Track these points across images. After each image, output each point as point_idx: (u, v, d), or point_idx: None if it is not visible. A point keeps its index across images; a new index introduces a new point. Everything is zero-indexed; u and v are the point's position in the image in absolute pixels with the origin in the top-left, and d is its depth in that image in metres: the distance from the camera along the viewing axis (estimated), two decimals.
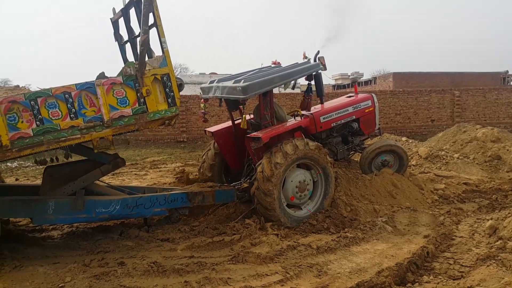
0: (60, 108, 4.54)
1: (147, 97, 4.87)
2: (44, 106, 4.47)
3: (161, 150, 16.33)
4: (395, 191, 6.86)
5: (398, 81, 31.77)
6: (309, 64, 6.50)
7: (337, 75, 49.64)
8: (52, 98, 4.49)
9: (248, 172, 6.68)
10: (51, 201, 4.98)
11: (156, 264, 4.44)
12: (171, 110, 5.04)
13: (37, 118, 4.45)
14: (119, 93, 4.77)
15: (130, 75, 4.78)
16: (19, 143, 4.38)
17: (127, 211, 5.34)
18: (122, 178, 10.37)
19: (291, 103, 18.40)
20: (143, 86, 4.83)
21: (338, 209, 6.09)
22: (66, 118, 4.58)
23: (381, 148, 7.33)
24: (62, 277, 4.20)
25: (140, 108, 4.88)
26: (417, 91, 21.44)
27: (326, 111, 7.11)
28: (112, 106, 4.75)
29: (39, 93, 4.46)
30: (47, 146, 4.52)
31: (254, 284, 4.07)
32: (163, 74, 4.93)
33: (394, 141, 8.09)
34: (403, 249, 4.85)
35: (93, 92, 4.65)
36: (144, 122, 4.93)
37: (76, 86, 4.59)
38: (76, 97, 4.59)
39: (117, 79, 4.77)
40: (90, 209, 5.14)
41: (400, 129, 20.04)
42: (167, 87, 4.98)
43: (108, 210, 5.23)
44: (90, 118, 4.68)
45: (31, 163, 12.91)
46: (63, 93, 4.53)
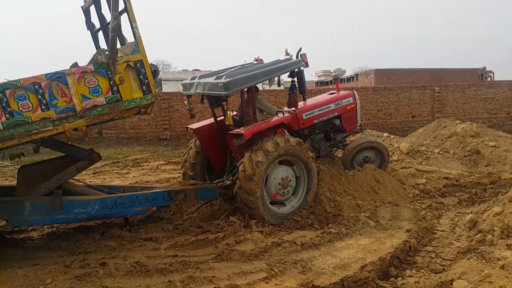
0: (30, 99, 4.39)
1: (121, 85, 4.72)
2: (13, 98, 4.31)
3: (143, 148, 16.15)
4: (378, 186, 6.94)
5: (379, 78, 32.17)
6: (291, 61, 6.50)
7: (320, 72, 49.89)
8: (21, 89, 4.33)
9: (230, 169, 6.66)
10: (28, 202, 4.82)
11: (139, 264, 4.38)
12: (147, 97, 4.89)
13: (6, 111, 4.29)
14: (91, 82, 4.62)
15: (101, 62, 4.63)
16: None
17: (106, 211, 5.21)
18: (104, 177, 10.22)
19: (274, 99, 18.42)
20: (116, 74, 4.67)
21: (322, 205, 6.12)
22: (37, 109, 4.43)
23: (362, 145, 7.39)
24: (42, 279, 4.11)
25: (114, 96, 4.73)
26: (398, 87, 21.72)
27: (308, 108, 7.13)
28: (84, 96, 4.60)
29: (6, 85, 4.30)
30: (19, 139, 4.37)
31: (238, 282, 4.05)
32: (136, 60, 4.78)
33: (375, 138, 8.18)
34: (386, 244, 4.90)
35: (64, 82, 4.49)
36: (118, 111, 4.79)
37: (46, 76, 4.44)
38: (46, 87, 4.44)
39: (88, 67, 4.62)
40: (68, 209, 4.99)
41: (382, 125, 20.28)
42: (141, 74, 4.82)
43: (87, 210, 5.09)
44: (62, 109, 4.53)
45: (9, 163, 12.59)
46: (32, 84, 4.37)
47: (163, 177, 9.77)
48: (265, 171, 5.69)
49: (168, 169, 11.28)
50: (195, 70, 34.02)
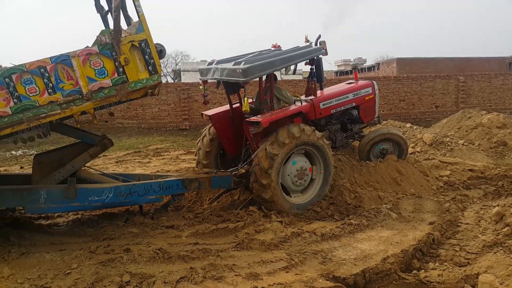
0: (37, 83, 4.38)
1: (126, 66, 4.63)
2: (20, 83, 4.32)
3: (163, 138, 16.31)
4: (400, 177, 6.84)
5: (401, 67, 31.57)
6: (311, 48, 6.39)
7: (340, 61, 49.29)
8: (27, 73, 4.33)
9: (245, 157, 6.60)
10: (43, 190, 4.90)
11: (161, 250, 4.45)
12: (153, 78, 4.80)
13: (14, 96, 4.30)
14: (96, 64, 4.56)
15: (105, 43, 4.55)
16: None
17: (120, 199, 5.24)
18: (126, 165, 10.38)
19: (293, 89, 18.30)
20: (121, 55, 4.59)
21: (342, 196, 6.08)
22: (44, 93, 4.42)
23: (375, 139, 7.27)
24: (68, 263, 4.22)
25: (120, 78, 4.67)
26: (421, 76, 21.25)
27: (326, 97, 7.02)
28: (90, 78, 4.55)
29: (13, 70, 4.30)
30: (28, 123, 4.39)
31: (259, 270, 4.07)
32: (140, 40, 4.68)
33: (387, 129, 7.97)
34: (408, 236, 4.84)
35: (69, 65, 4.46)
36: (125, 93, 4.73)
37: (51, 59, 4.42)
38: (52, 71, 4.41)
39: (93, 49, 4.55)
40: (82, 197, 5.04)
41: (404, 115, 19.91)
42: (146, 54, 4.72)
43: (101, 198, 5.13)
44: (68, 92, 4.50)
45: (35, 151, 12.93)
46: (38, 67, 4.36)
47: (183, 167, 9.83)
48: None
49: (188, 158, 11.37)
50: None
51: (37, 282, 3.84)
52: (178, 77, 37.68)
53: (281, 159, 5.62)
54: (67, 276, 3.96)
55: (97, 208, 5.41)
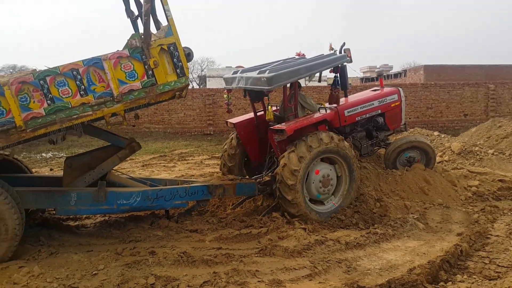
0: (70, 85, 4.48)
1: (155, 68, 4.72)
2: (54, 85, 4.43)
3: (188, 142, 16.50)
4: (427, 187, 6.70)
5: (429, 74, 30.96)
6: (335, 56, 6.37)
7: (365, 67, 48.76)
8: (60, 76, 4.45)
9: (269, 165, 6.62)
10: (74, 193, 5.03)
11: (185, 254, 4.50)
12: (181, 80, 4.87)
13: (48, 97, 4.42)
14: (126, 67, 4.66)
15: (136, 47, 4.65)
16: (32, 123, 4.40)
17: (147, 203, 5.33)
18: (152, 169, 10.57)
19: (317, 96, 18.24)
20: (150, 58, 4.68)
21: (367, 204, 5.99)
22: (76, 95, 4.52)
23: (402, 146, 7.14)
24: (95, 264, 4.31)
25: (149, 80, 4.75)
26: (449, 84, 20.80)
27: (350, 104, 6.97)
28: (121, 81, 4.65)
29: (47, 72, 4.42)
30: (60, 124, 4.50)
31: (282, 277, 4.06)
32: (169, 43, 4.75)
33: (415, 137, 7.83)
34: (436, 247, 4.73)
35: (100, 67, 4.57)
36: (154, 95, 4.81)
37: (83, 62, 4.53)
38: (84, 73, 4.52)
39: (123, 52, 4.65)
40: (111, 200, 5.15)
41: (432, 123, 19.54)
42: (175, 57, 4.80)
43: (129, 202, 5.23)
44: (100, 94, 4.60)
45: (65, 154, 13.31)
46: (70, 70, 4.47)
47: (207, 171, 9.95)
48: (307, 166, 5.64)
49: (212, 163, 11.48)
50: (238, 66, 34.24)
51: (65, 281, 3.94)
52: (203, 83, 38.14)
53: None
54: (94, 277, 4.05)
55: (125, 211, 5.51)
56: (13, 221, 4.43)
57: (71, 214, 5.75)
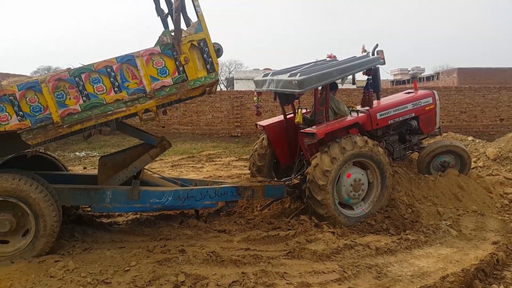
0: (104, 82, 4.57)
1: (186, 65, 4.75)
2: (89, 82, 4.52)
3: (216, 144, 16.67)
4: (461, 193, 6.50)
5: (463, 77, 30.13)
6: (368, 58, 6.27)
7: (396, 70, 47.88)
8: (95, 73, 4.54)
9: (299, 168, 6.57)
10: (109, 190, 5.18)
11: (214, 253, 4.55)
12: (211, 76, 4.89)
13: (83, 94, 4.53)
14: (158, 63, 4.72)
15: (167, 43, 4.69)
16: (69, 119, 4.52)
17: (178, 202, 5.44)
18: (180, 170, 10.73)
19: (346, 99, 18.02)
20: (181, 54, 4.69)
21: (398, 210, 5.88)
22: (111, 92, 4.61)
23: (436, 150, 6.95)
24: (127, 261, 4.41)
25: (180, 76, 4.79)
26: (484, 88, 20.17)
27: (383, 107, 6.83)
28: (153, 77, 4.70)
29: (82, 69, 4.52)
30: (96, 120, 4.61)
31: (311, 280, 4.04)
32: (199, 39, 4.75)
33: (451, 141, 7.60)
34: (470, 255, 4.60)
35: (133, 64, 4.63)
36: (185, 91, 4.85)
37: (117, 59, 4.61)
38: (117, 70, 4.59)
39: (155, 49, 4.69)
40: (144, 199, 5.28)
41: (466, 128, 18.99)
42: (205, 53, 4.81)
43: (161, 200, 5.35)
44: (133, 90, 4.66)
45: (97, 153, 13.69)
46: (105, 67, 4.56)
47: (234, 173, 10.03)
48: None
49: (239, 165, 11.56)
50: (266, 69, 34.30)
51: (98, 277, 4.05)
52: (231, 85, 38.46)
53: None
54: (126, 273, 4.15)
55: (156, 210, 5.62)
56: (52, 218, 4.60)
57: (106, 212, 5.90)
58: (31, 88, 4.39)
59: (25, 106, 4.38)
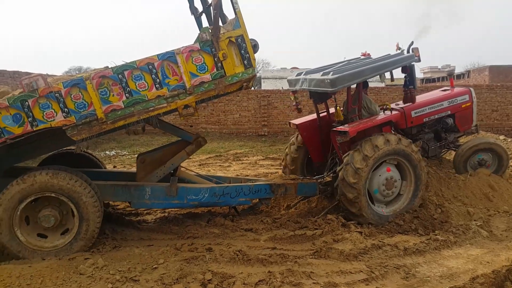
0: (146, 79, 4.67)
1: (224, 61, 4.80)
2: (131, 79, 4.64)
3: (243, 143, 16.73)
4: (492, 193, 6.33)
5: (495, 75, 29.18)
6: (403, 56, 6.19)
7: (426, 68, 46.88)
8: (137, 70, 4.64)
9: (331, 166, 6.55)
10: (148, 187, 5.32)
11: (241, 252, 4.59)
12: (248, 71, 4.93)
13: (126, 91, 4.64)
14: (197, 60, 4.78)
15: (206, 40, 4.76)
16: (112, 115, 4.64)
17: (214, 199, 5.54)
18: (208, 169, 10.83)
19: (375, 97, 17.75)
20: (219, 50, 4.76)
21: (427, 210, 5.78)
22: (152, 88, 4.71)
23: (479, 146, 6.77)
24: (155, 258, 4.50)
25: (218, 72, 4.85)
26: None
27: (418, 105, 6.73)
28: (193, 73, 4.78)
29: (125, 67, 4.63)
30: (138, 116, 4.72)
31: (337, 280, 4.04)
32: (237, 36, 4.81)
33: (494, 139, 7.41)
34: (501, 256, 4.49)
35: (174, 61, 4.71)
36: (223, 87, 4.90)
37: (158, 56, 4.70)
38: (159, 67, 4.68)
39: (195, 46, 4.77)
40: (182, 195, 5.40)
41: (497, 126, 18.41)
42: (242, 49, 4.85)
43: (198, 197, 5.46)
44: (173, 86, 4.76)
45: (127, 152, 14.01)
46: (146, 64, 4.65)
47: (261, 172, 10.04)
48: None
49: (266, 164, 11.57)
50: (294, 68, 34.23)
51: (127, 274, 4.13)
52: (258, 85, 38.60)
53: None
54: (154, 271, 4.23)
55: (193, 206, 5.74)
56: (95, 223, 4.73)
57: (145, 208, 6.08)
58: (76, 85, 4.53)
59: (70, 103, 4.53)
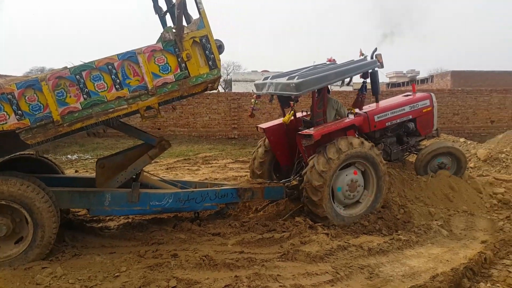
0: (105, 80, 4.53)
1: (188, 61, 4.72)
2: (90, 79, 4.48)
3: (212, 146, 16.63)
4: (452, 194, 6.58)
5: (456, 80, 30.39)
6: (366, 62, 6.37)
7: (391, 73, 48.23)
8: (96, 70, 4.49)
9: (298, 169, 6.63)
10: (108, 193, 5.15)
11: (207, 257, 4.54)
12: (213, 73, 4.87)
13: (84, 92, 4.47)
14: (160, 60, 4.69)
15: (169, 40, 4.67)
16: (69, 118, 4.46)
17: (179, 204, 5.45)
18: (176, 172, 10.69)
19: (343, 100, 18.10)
20: (183, 51, 4.68)
21: (391, 210, 5.95)
22: (112, 89, 4.56)
23: (438, 151, 7.03)
24: (117, 266, 4.36)
25: (182, 73, 4.76)
26: (476, 90, 20.41)
27: (381, 110, 6.94)
28: (155, 74, 4.67)
29: (83, 67, 4.47)
30: (96, 118, 4.56)
31: (303, 282, 4.06)
32: (201, 36, 4.73)
33: (452, 143, 7.73)
34: (459, 254, 4.67)
35: (135, 61, 4.59)
36: (187, 88, 4.83)
37: (118, 56, 4.57)
38: (119, 67, 4.55)
39: (157, 46, 4.67)
40: (144, 201, 5.27)
41: (458, 129, 19.18)
42: (207, 50, 4.79)
43: (162, 203, 5.35)
44: (135, 87, 4.63)
45: (90, 156, 13.63)
46: (106, 64, 4.51)
47: (231, 175, 10.03)
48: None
49: (236, 167, 11.54)
50: (264, 71, 34.40)
51: (87, 283, 4.00)
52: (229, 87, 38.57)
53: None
54: (115, 279, 4.11)
55: (157, 212, 5.61)
56: (51, 229, 4.52)
57: (105, 215, 5.83)
58: (30, 87, 4.34)
59: (24, 105, 4.34)
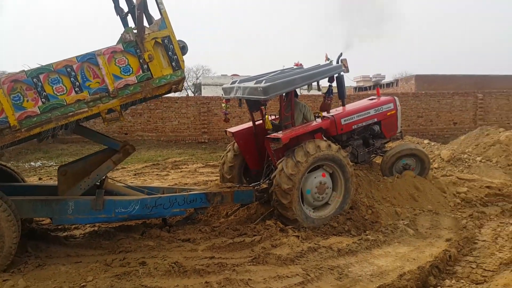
0: (64, 82, 4.41)
1: (150, 62, 4.64)
2: (48, 82, 4.36)
3: (182, 150, 16.45)
4: (417, 194, 6.78)
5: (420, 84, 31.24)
6: (332, 66, 6.49)
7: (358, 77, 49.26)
8: (54, 73, 4.38)
9: (267, 173, 6.66)
10: (71, 201, 4.97)
11: (177, 264, 4.47)
12: (177, 74, 4.80)
13: (42, 95, 4.34)
14: (121, 61, 4.59)
15: (130, 41, 4.58)
16: (27, 123, 4.33)
17: (146, 211, 5.32)
18: (144, 178, 10.50)
19: (312, 104, 18.35)
20: (145, 52, 4.60)
21: (359, 211, 6.05)
22: (71, 92, 4.44)
23: (401, 153, 7.25)
24: (84, 276, 4.23)
25: (145, 75, 4.67)
26: (439, 93, 21.11)
27: (347, 113, 7.09)
28: (116, 76, 4.57)
29: (40, 70, 4.35)
30: (56, 122, 4.44)
31: (274, 285, 4.07)
32: (163, 37, 4.66)
33: (415, 145, 8.00)
34: (425, 253, 4.80)
35: (94, 63, 4.48)
36: (150, 89, 4.74)
37: (77, 58, 4.46)
38: (78, 69, 4.44)
39: (117, 47, 4.57)
40: (109, 209, 5.12)
41: (422, 131, 19.79)
42: (170, 50, 4.70)
43: (128, 210, 5.21)
44: (95, 90, 4.52)
45: (54, 163, 13.21)
46: (64, 67, 4.40)
47: (201, 180, 9.94)
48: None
49: (206, 171, 11.47)
50: (234, 75, 34.44)
51: None
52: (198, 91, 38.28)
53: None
54: None
55: (123, 220, 5.46)
56: (11, 239, 4.33)
57: (68, 223, 5.64)
58: None
59: None
